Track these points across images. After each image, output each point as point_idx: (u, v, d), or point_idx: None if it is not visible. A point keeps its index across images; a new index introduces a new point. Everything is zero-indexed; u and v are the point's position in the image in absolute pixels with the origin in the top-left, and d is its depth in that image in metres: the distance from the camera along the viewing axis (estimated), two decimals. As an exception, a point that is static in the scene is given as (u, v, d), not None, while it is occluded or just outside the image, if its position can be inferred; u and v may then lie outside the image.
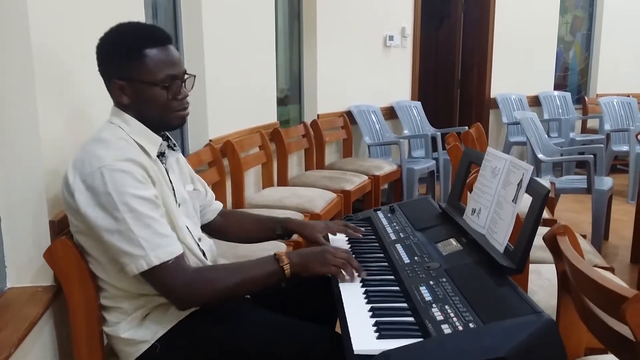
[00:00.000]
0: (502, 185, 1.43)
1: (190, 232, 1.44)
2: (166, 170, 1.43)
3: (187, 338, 1.34)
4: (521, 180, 1.34)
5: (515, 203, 1.34)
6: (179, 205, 1.43)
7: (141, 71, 1.31)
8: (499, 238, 1.36)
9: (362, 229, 1.70)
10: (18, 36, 1.36)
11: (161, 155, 1.42)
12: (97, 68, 1.37)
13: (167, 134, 1.46)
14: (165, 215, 1.31)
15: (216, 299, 1.31)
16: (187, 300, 1.28)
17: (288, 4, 4.11)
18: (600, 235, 3.56)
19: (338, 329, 1.24)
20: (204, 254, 1.47)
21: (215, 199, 1.72)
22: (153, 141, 1.37)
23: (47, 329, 1.43)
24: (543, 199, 1.24)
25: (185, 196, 1.48)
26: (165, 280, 1.24)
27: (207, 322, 1.35)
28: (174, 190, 1.42)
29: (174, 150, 1.48)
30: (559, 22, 6.26)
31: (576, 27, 6.60)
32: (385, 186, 4.54)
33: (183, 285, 1.25)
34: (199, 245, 1.47)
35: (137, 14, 2.06)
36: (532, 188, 1.30)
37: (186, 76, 1.38)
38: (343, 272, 1.35)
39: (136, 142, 1.34)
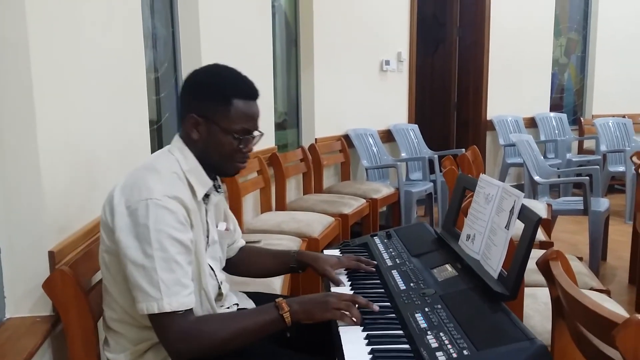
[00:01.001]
0: (495, 212, 1.45)
1: (214, 273, 1.46)
2: (206, 211, 1.44)
3: None
4: (513, 207, 1.36)
5: (508, 229, 1.36)
6: (209, 246, 1.44)
7: (222, 116, 1.35)
8: (493, 264, 1.38)
9: (374, 262, 1.67)
10: (18, 64, 1.39)
11: (205, 196, 1.43)
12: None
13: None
14: (192, 263, 1.31)
15: (213, 351, 1.28)
16: (183, 353, 1.25)
17: (285, 30, 4.18)
18: (597, 256, 3.57)
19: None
20: (221, 296, 1.48)
21: None
22: (204, 183, 1.39)
23: (46, 359, 1.44)
24: (534, 226, 1.26)
25: (215, 238, 1.49)
26: (167, 329, 1.23)
27: (209, 358, 1.35)
28: (208, 231, 1.44)
29: (218, 192, 1.49)
30: (553, 45, 6.35)
31: (570, 49, 6.69)
32: (384, 209, 4.56)
33: (181, 338, 1.23)
34: (220, 287, 1.47)
35: (137, 46, 2.10)
36: (524, 215, 1.32)
37: (257, 133, 1.42)
38: (348, 314, 1.30)
39: (188, 181, 1.35)
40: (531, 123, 6.13)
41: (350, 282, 1.58)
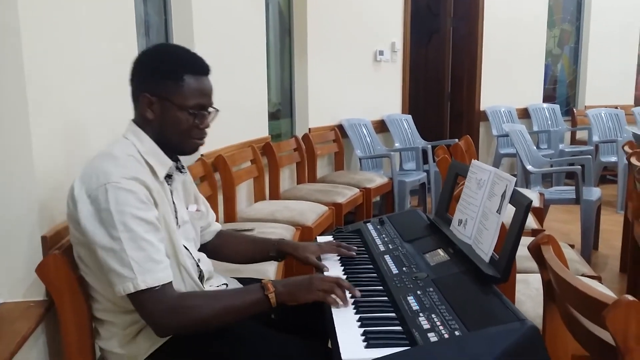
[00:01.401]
0: (487, 197, 1.46)
1: (190, 252, 1.46)
2: (171, 192, 1.44)
3: (179, 354, 1.35)
4: (505, 192, 1.37)
5: (500, 214, 1.37)
6: (179, 227, 1.44)
7: (175, 93, 1.35)
8: (485, 248, 1.39)
9: (355, 247, 1.68)
10: (11, 56, 1.38)
11: (168, 177, 1.43)
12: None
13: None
14: (164, 240, 1.31)
15: (197, 327, 1.29)
16: (166, 328, 1.26)
17: (279, 20, 4.17)
18: (589, 244, 3.60)
19: (330, 345, 1.25)
20: (201, 274, 1.48)
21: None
22: (163, 163, 1.39)
23: (40, 344, 1.44)
24: (525, 209, 1.27)
25: (185, 218, 1.49)
26: (148, 306, 1.23)
27: (198, 338, 1.36)
28: (176, 212, 1.44)
29: (181, 172, 1.49)
30: (547, 36, 6.36)
31: (564, 40, 6.70)
32: (377, 199, 4.58)
33: (164, 312, 1.24)
34: (198, 265, 1.48)
35: (130, 33, 2.09)
36: (515, 199, 1.33)
37: (211, 109, 1.42)
38: (333, 296, 1.31)
39: (146, 162, 1.36)
40: (524, 114, 6.15)
41: (343, 268, 1.58)
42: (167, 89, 1.35)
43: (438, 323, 1.15)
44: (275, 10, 4.12)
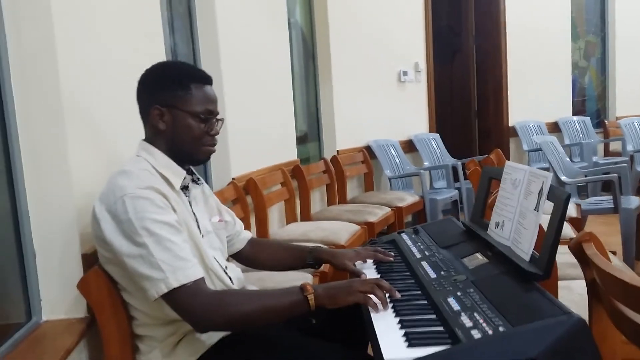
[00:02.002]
0: (523, 196, 1.44)
1: (217, 260, 1.47)
2: (190, 203, 1.47)
3: None
4: (542, 188, 1.35)
5: (538, 211, 1.35)
6: (203, 236, 1.46)
7: (184, 101, 1.40)
8: (524, 247, 1.36)
9: (392, 253, 1.68)
10: (48, 82, 1.44)
11: (185, 188, 1.46)
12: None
13: (192, 168, 1.51)
14: (188, 241, 1.33)
15: (235, 323, 1.29)
16: (206, 322, 1.27)
17: (302, 45, 4.24)
18: (631, 255, 3.49)
19: (371, 353, 1.23)
20: (230, 281, 1.49)
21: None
22: (177, 174, 1.42)
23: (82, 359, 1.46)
24: (564, 203, 1.24)
25: (208, 228, 1.51)
26: (184, 303, 1.24)
27: (237, 348, 1.36)
28: (197, 222, 1.46)
29: (197, 184, 1.52)
30: (572, 48, 6.31)
31: (589, 52, 6.63)
32: (409, 218, 4.54)
33: (202, 307, 1.25)
34: (225, 272, 1.49)
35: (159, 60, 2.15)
36: (553, 194, 1.31)
37: (218, 117, 1.47)
38: (373, 297, 1.29)
39: (160, 175, 1.39)
40: (554, 128, 6.07)
41: (379, 276, 1.57)
42: (176, 98, 1.40)
43: (481, 321, 1.12)
44: (299, 36, 4.19)
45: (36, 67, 1.43)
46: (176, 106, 1.40)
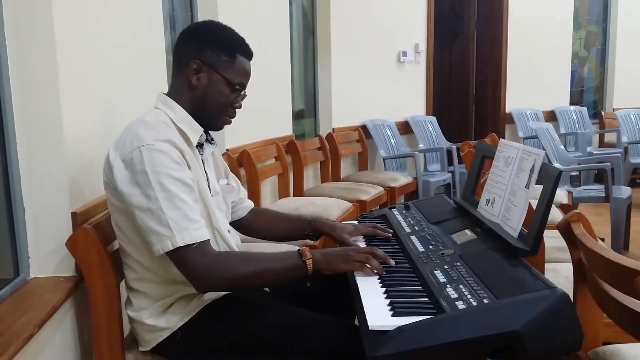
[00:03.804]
0: (515, 174, 1.44)
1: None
2: (202, 161, 1.47)
3: (207, 327, 1.36)
4: (533, 166, 1.35)
5: (528, 188, 1.35)
6: (212, 195, 1.46)
7: (226, 67, 1.41)
8: (513, 224, 1.37)
9: (391, 230, 1.67)
10: (43, 35, 1.41)
11: (199, 146, 1.46)
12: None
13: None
14: (198, 201, 1.33)
15: (236, 284, 1.31)
16: (207, 282, 1.28)
17: (302, 21, 4.20)
18: (619, 244, 3.52)
19: (357, 323, 1.24)
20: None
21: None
22: (195, 130, 1.42)
23: (69, 317, 1.46)
24: (555, 180, 1.25)
25: (217, 189, 1.52)
26: (188, 262, 1.25)
27: (228, 312, 1.37)
28: (208, 180, 1.46)
29: (211, 143, 1.53)
30: (572, 38, 6.28)
31: (590, 42, 6.61)
32: (402, 199, 4.55)
33: (204, 267, 1.26)
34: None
35: (157, 29, 2.12)
36: (544, 171, 1.32)
37: (245, 92, 1.49)
38: (368, 265, 1.32)
39: (178, 129, 1.39)
40: (551, 116, 6.06)
41: (368, 248, 1.57)
42: (220, 62, 1.41)
43: (466, 292, 1.13)
44: (299, 11, 4.15)
45: (31, 26, 1.40)
46: (217, 69, 1.40)
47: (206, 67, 1.40)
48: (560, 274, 1.94)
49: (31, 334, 1.17)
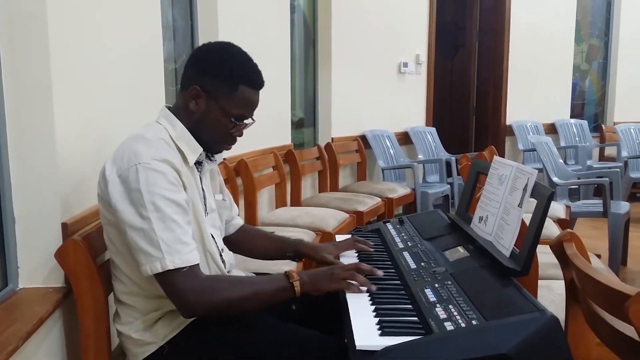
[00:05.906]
0: (509, 192, 1.44)
1: (215, 241, 1.46)
2: (200, 178, 1.45)
3: (195, 341, 1.35)
4: (526, 185, 1.35)
5: (521, 207, 1.35)
6: (207, 214, 1.45)
7: (225, 97, 1.37)
8: (506, 243, 1.36)
9: (371, 242, 1.68)
10: (36, 46, 1.41)
11: (198, 164, 1.44)
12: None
13: None
14: (191, 223, 1.32)
15: (222, 309, 1.29)
16: (195, 306, 1.26)
17: (304, 30, 4.20)
18: (617, 260, 3.50)
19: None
20: (224, 264, 1.48)
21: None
22: (194, 149, 1.39)
23: (57, 329, 1.45)
24: (547, 200, 1.24)
25: (213, 206, 1.50)
26: (176, 285, 1.24)
27: (216, 326, 1.36)
28: (205, 199, 1.45)
29: (211, 160, 1.51)
30: (574, 51, 6.28)
31: (592, 56, 6.61)
32: (400, 210, 4.54)
33: (194, 291, 1.24)
34: (221, 255, 1.48)
35: (155, 40, 2.12)
36: (537, 191, 1.31)
37: (250, 120, 1.44)
38: (354, 282, 1.31)
39: (177, 147, 1.37)
40: (551, 129, 6.06)
41: (360, 264, 1.56)
42: (220, 91, 1.37)
43: (455, 313, 1.12)
44: (300, 20, 4.16)
45: (26, 38, 1.40)
46: (215, 98, 1.37)
47: (205, 94, 1.37)
48: (554, 291, 1.93)
49: (15, 347, 1.16)
